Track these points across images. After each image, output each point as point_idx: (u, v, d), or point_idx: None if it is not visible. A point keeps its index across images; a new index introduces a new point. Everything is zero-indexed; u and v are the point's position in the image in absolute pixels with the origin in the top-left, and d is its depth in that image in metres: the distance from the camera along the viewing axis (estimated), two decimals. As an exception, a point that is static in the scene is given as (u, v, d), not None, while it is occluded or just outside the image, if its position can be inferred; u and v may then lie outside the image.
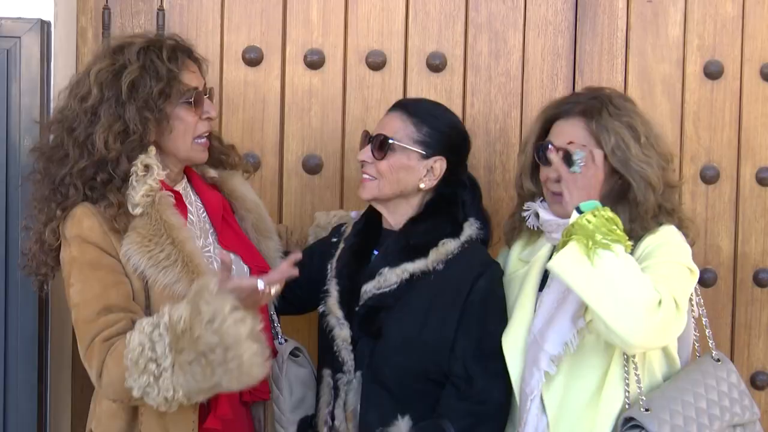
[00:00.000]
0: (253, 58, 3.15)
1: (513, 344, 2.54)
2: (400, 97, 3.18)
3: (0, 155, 2.82)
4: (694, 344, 2.63)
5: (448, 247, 2.59)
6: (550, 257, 2.54)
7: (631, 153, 2.50)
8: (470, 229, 2.65)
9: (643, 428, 2.38)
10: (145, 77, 2.45)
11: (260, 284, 2.30)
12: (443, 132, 2.66)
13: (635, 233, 2.50)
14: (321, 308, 2.66)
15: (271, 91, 3.18)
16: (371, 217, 2.73)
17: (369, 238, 2.70)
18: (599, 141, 2.51)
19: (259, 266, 2.65)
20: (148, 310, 2.41)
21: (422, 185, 2.64)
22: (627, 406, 2.44)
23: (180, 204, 2.55)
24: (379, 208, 2.68)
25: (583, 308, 2.44)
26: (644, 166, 2.50)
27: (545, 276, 2.57)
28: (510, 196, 3.22)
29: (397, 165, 2.61)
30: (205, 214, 2.65)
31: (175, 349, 2.22)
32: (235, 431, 2.57)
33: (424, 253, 2.57)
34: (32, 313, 2.87)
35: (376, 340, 2.56)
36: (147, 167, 2.45)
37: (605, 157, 2.51)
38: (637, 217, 2.52)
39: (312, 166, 3.19)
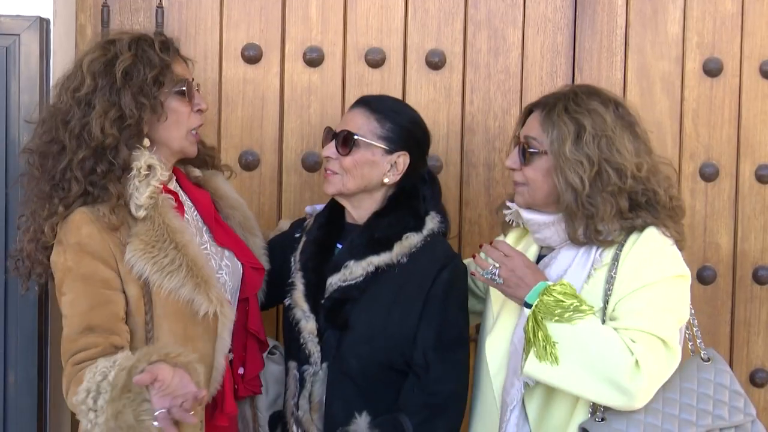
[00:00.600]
0: (252, 56, 3.16)
1: (496, 352, 2.55)
2: (399, 94, 3.18)
3: (0, 151, 2.83)
4: (686, 344, 2.59)
5: (412, 240, 2.62)
6: (537, 259, 2.57)
7: (563, 149, 2.44)
8: (432, 222, 2.68)
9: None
10: (138, 65, 2.45)
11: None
12: (405, 127, 2.69)
13: (595, 239, 2.46)
14: (287, 301, 2.69)
15: (270, 88, 3.18)
16: (334, 211, 2.76)
17: (332, 232, 2.73)
18: (545, 134, 2.50)
19: (250, 263, 2.67)
20: (148, 316, 2.43)
21: (386, 180, 2.66)
22: (589, 415, 2.43)
23: (177, 203, 2.55)
24: (343, 202, 2.71)
25: None
26: (567, 165, 2.44)
27: None
28: (509, 193, 3.22)
29: (362, 160, 2.64)
30: (196, 212, 2.65)
31: (110, 409, 2.22)
32: (231, 428, 2.60)
33: (388, 247, 2.61)
34: (32, 310, 2.88)
35: (342, 332, 2.59)
36: (150, 167, 2.45)
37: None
38: (569, 220, 2.48)
39: (311, 164, 3.19)
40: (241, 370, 2.65)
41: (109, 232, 2.41)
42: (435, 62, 3.20)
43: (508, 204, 2.66)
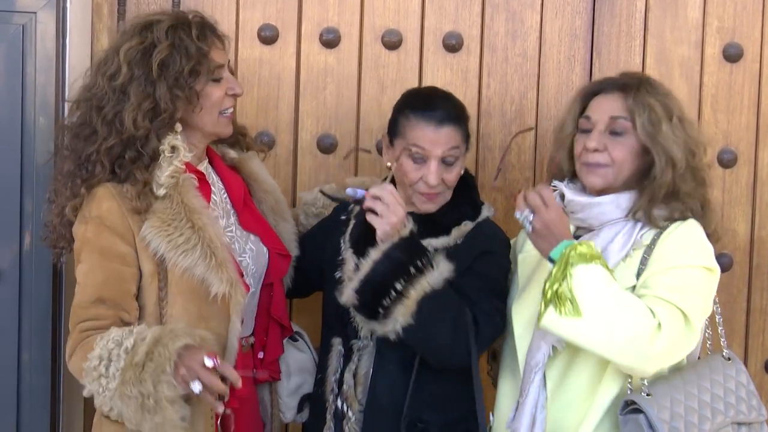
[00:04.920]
0: (268, 36, 3.13)
1: (521, 314, 2.56)
2: (416, 76, 3.16)
3: (15, 132, 2.83)
4: (705, 342, 2.62)
5: (469, 227, 2.65)
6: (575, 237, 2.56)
7: (661, 128, 2.50)
8: (488, 211, 2.72)
9: (642, 412, 2.37)
10: (174, 56, 2.45)
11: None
12: (468, 124, 2.70)
13: (652, 218, 2.49)
14: (338, 274, 2.65)
15: (286, 69, 3.16)
16: None
17: None
18: (633, 115, 2.51)
19: (276, 248, 2.67)
20: (163, 293, 2.45)
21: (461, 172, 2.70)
22: (629, 392, 2.43)
23: (203, 184, 2.57)
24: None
25: None
26: (670, 143, 2.49)
27: None
28: (525, 177, 3.21)
29: (459, 172, 2.65)
30: (226, 195, 2.66)
31: (122, 377, 2.28)
32: (247, 410, 2.59)
33: (446, 231, 2.63)
34: (46, 290, 2.88)
35: None
36: (174, 148, 2.46)
37: (636, 131, 2.50)
38: (654, 197, 2.51)
39: (326, 146, 3.18)
40: (260, 355, 2.66)
41: (129, 207, 2.43)
42: (452, 45, 3.18)
43: (554, 183, 2.62)
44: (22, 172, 2.83)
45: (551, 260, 2.38)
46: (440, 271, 2.49)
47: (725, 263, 3.23)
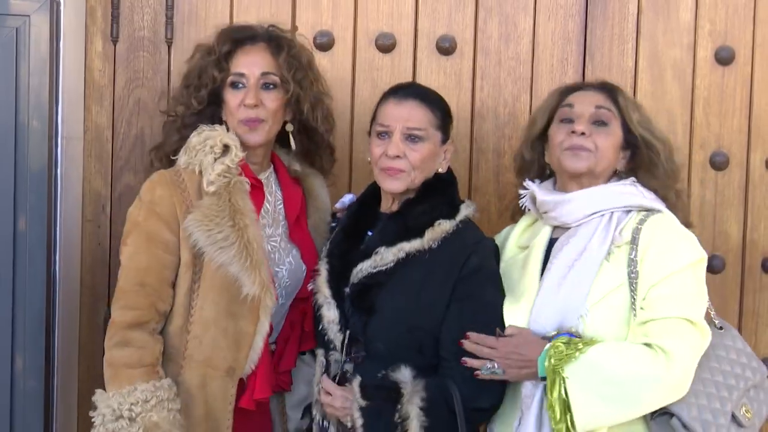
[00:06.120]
0: (262, 40, 3.13)
1: (514, 323, 2.55)
2: (409, 79, 3.16)
3: (9, 135, 2.82)
4: None
5: (444, 227, 2.61)
6: (549, 242, 2.60)
7: (654, 126, 2.63)
8: (467, 209, 2.67)
9: (671, 414, 2.42)
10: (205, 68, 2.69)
11: None
12: (449, 114, 2.71)
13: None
14: (310, 286, 2.69)
15: (280, 72, 3.15)
16: (366, 199, 2.75)
17: (362, 220, 2.72)
18: (623, 112, 2.60)
19: (313, 268, 2.71)
20: (196, 285, 2.56)
21: (440, 169, 2.67)
22: None
23: (257, 191, 2.64)
24: (399, 196, 2.67)
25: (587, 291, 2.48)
26: (664, 134, 2.64)
27: (545, 259, 2.60)
28: (514, 182, 3.21)
29: (429, 154, 2.63)
30: (282, 206, 2.73)
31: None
32: (260, 415, 2.67)
33: (419, 233, 2.59)
34: (40, 296, 2.87)
35: (369, 316, 2.57)
36: (226, 147, 2.56)
37: (624, 130, 2.60)
38: (661, 181, 2.62)
39: (320, 148, 3.17)
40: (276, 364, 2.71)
41: (179, 197, 2.56)
42: (446, 48, 3.18)
43: (525, 185, 2.67)
44: (16, 174, 2.82)
45: (543, 378, 2.42)
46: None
47: (717, 265, 3.25)
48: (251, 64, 2.65)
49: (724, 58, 3.23)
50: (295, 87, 2.66)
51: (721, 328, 2.62)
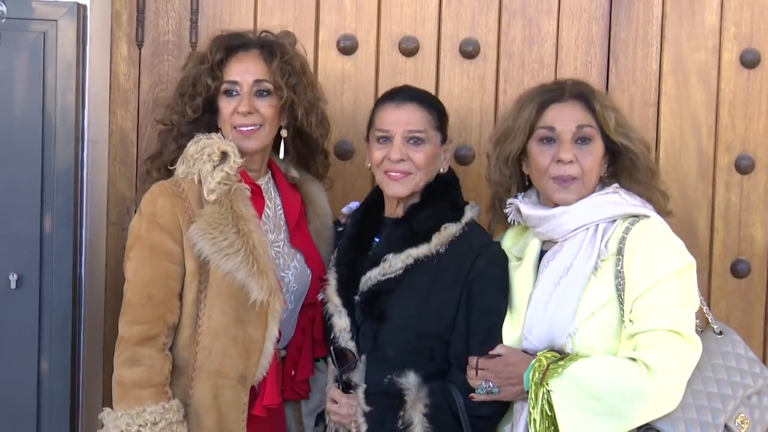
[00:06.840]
0: (286, 43, 3.14)
1: (507, 339, 2.55)
2: (432, 83, 3.17)
3: (35, 138, 2.84)
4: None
5: (450, 230, 2.62)
6: (540, 253, 2.59)
7: (630, 126, 2.62)
8: (471, 211, 2.68)
9: (657, 430, 2.40)
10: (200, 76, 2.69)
11: None
12: (446, 116, 2.72)
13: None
14: (320, 296, 2.69)
15: (304, 76, 3.17)
16: (371, 206, 2.75)
17: (368, 226, 2.73)
18: (601, 120, 2.57)
19: (318, 272, 2.73)
20: (202, 294, 2.55)
21: (441, 170, 2.69)
22: None
23: (257, 197, 2.64)
24: (404, 199, 2.67)
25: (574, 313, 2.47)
26: (638, 133, 2.65)
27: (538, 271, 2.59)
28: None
29: (432, 156, 2.65)
30: (281, 211, 2.73)
31: None
32: (274, 423, 2.67)
33: (427, 239, 2.60)
34: (66, 297, 2.88)
35: (379, 324, 2.58)
36: (224, 154, 2.56)
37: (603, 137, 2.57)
38: (644, 183, 2.60)
39: (343, 152, 3.18)
40: (292, 372, 2.71)
41: (181, 207, 2.54)
42: (469, 51, 3.18)
43: (509, 201, 2.66)
44: (43, 178, 2.84)
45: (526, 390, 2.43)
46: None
47: (743, 270, 3.23)
48: (244, 71, 2.66)
49: (749, 60, 3.21)
50: (288, 93, 2.67)
51: (720, 332, 2.58)
